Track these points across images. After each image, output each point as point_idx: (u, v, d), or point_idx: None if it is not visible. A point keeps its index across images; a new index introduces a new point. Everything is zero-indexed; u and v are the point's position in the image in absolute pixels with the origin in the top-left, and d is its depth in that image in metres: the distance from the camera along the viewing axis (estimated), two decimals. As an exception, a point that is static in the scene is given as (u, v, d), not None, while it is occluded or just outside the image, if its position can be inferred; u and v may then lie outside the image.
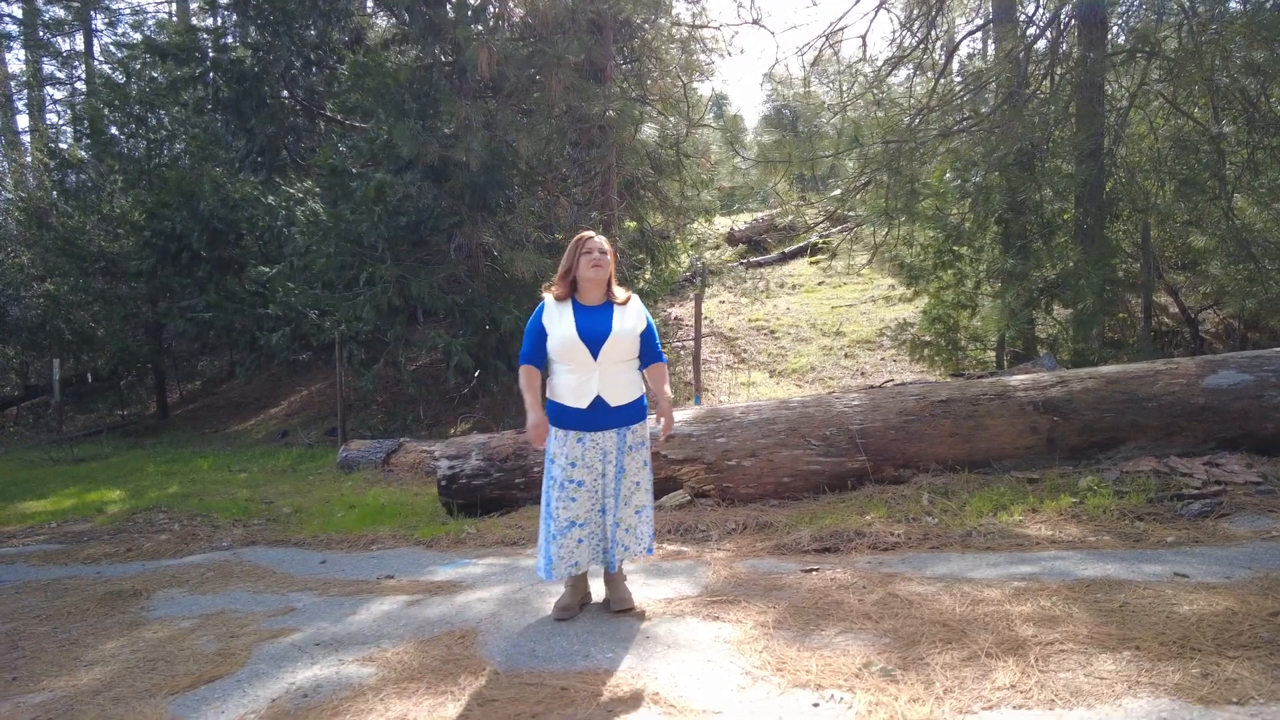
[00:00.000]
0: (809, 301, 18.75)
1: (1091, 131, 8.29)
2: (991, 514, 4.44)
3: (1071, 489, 4.62)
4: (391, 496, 7.23)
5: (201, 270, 11.89)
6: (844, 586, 3.54)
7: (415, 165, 9.28)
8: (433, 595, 3.92)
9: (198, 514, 6.80)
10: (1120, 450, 4.91)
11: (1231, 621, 2.69)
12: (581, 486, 3.29)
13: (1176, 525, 4.03)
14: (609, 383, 3.28)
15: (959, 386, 5.31)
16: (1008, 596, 3.18)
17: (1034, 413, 5.00)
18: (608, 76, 10.35)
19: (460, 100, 8.96)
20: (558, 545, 3.31)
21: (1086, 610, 2.95)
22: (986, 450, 5.01)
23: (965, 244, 10.03)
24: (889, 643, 2.82)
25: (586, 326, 3.26)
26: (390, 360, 10.77)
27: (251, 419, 15.84)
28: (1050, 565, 3.60)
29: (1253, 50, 6.62)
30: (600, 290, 3.35)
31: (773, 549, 4.30)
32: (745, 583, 3.73)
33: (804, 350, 15.73)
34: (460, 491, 6.08)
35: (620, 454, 3.34)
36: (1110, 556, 3.65)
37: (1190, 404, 4.86)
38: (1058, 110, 8.60)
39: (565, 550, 3.30)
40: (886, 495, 4.91)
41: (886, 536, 4.25)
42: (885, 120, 9.97)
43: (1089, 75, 8.42)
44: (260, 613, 3.87)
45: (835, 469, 5.11)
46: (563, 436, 3.32)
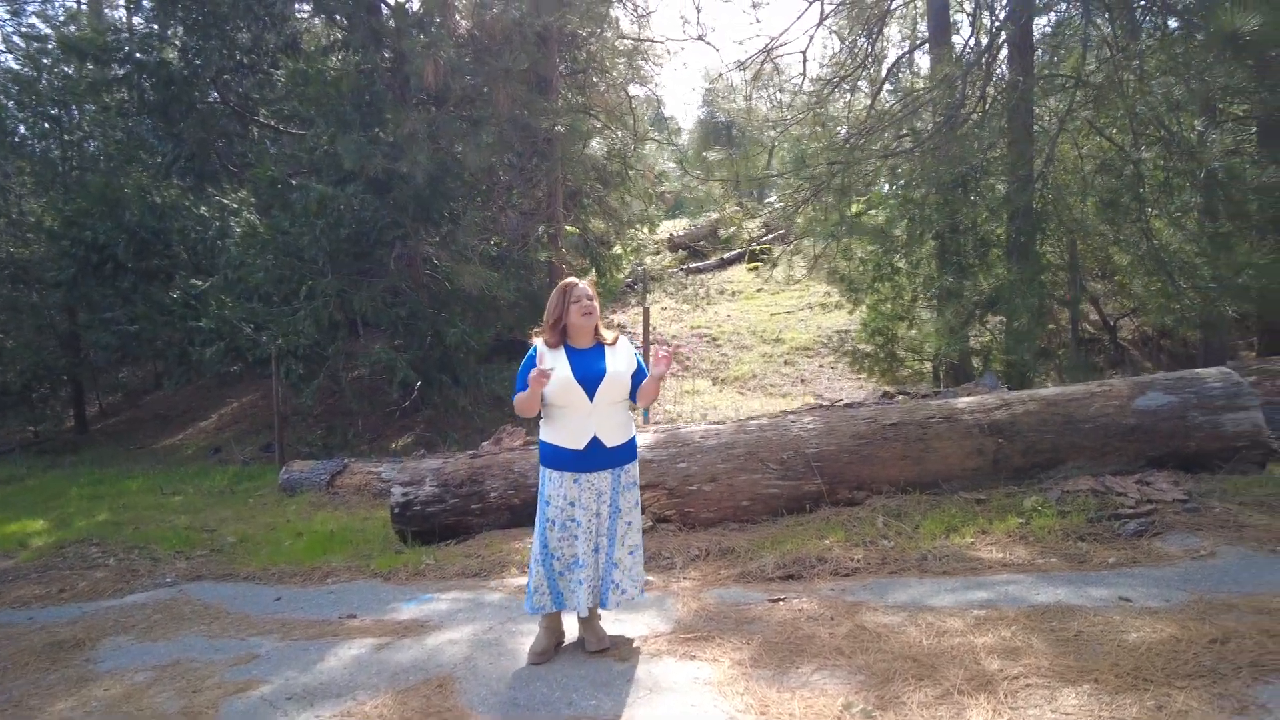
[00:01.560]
0: (749, 308, 19.06)
1: (1023, 154, 8.68)
2: (944, 536, 4.62)
3: (1017, 509, 4.85)
4: (340, 522, 7.07)
5: (126, 281, 11.35)
6: (813, 618, 3.64)
7: (358, 177, 9.07)
8: (401, 637, 3.87)
9: (134, 546, 6.51)
10: (1060, 469, 5.17)
11: (1176, 650, 2.88)
12: (579, 526, 3.31)
13: (1115, 545, 4.27)
14: (604, 423, 3.32)
15: (908, 409, 5.50)
16: (970, 627, 3.33)
17: (980, 435, 5.23)
18: (554, 89, 10.32)
19: (405, 111, 8.80)
20: (565, 581, 3.35)
21: (1045, 641, 3.11)
22: (936, 471, 5.21)
23: (903, 258, 10.39)
24: (864, 680, 2.92)
25: (581, 369, 3.31)
26: (330, 375, 10.50)
27: (180, 433, 15.20)
28: (1004, 590, 3.77)
29: (1170, 83, 7.04)
30: (589, 334, 3.39)
31: (738, 577, 4.39)
32: (715, 616, 3.79)
33: (745, 358, 15.98)
34: (415, 519, 5.99)
35: (615, 494, 3.38)
36: (1059, 580, 3.85)
37: (1122, 425, 5.15)
38: (991, 133, 8.97)
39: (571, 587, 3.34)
40: (843, 517, 5.05)
41: (846, 562, 4.38)
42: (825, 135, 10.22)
43: (1020, 100, 8.82)
44: (221, 661, 3.75)
45: (793, 492, 5.23)
46: (558, 478, 3.34)
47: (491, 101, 9.07)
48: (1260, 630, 2.98)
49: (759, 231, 23.63)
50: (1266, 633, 2.95)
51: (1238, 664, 2.73)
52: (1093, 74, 7.76)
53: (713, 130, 16.99)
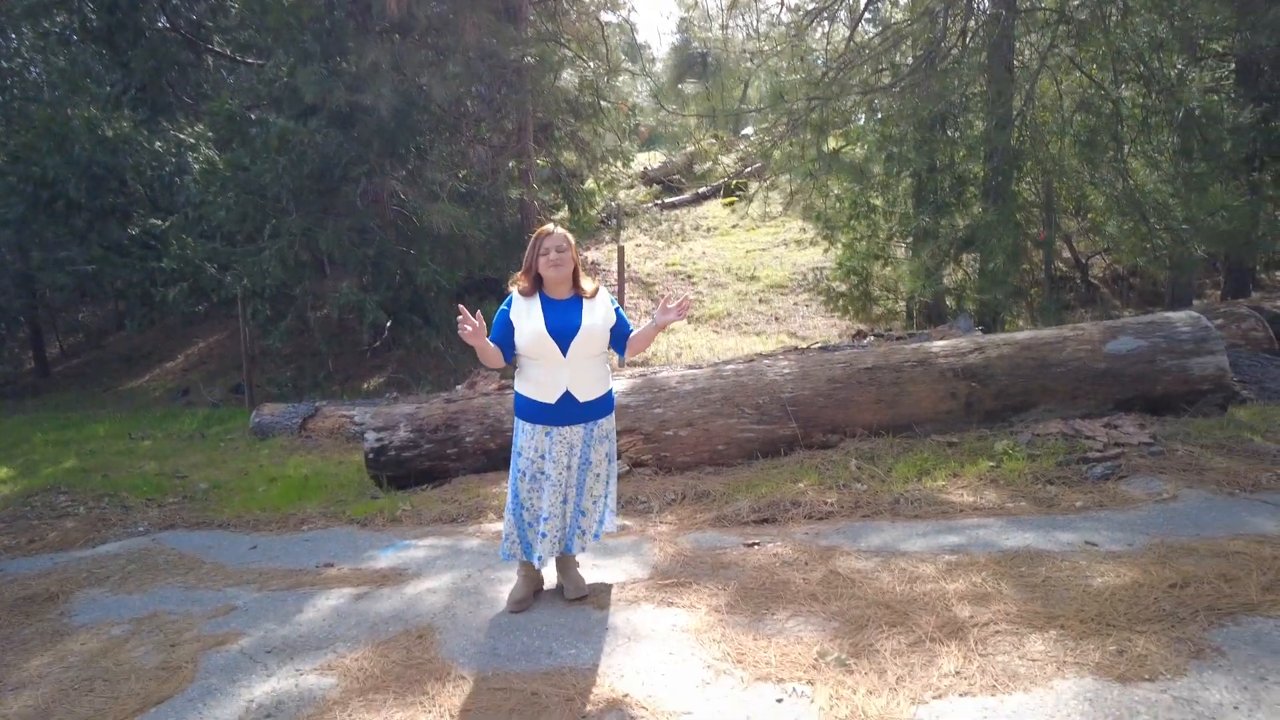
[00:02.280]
0: (723, 245, 18.91)
1: (1003, 92, 8.56)
2: (917, 479, 4.70)
3: (988, 453, 4.93)
4: (314, 466, 7.03)
5: (80, 220, 10.92)
6: (787, 563, 3.70)
7: (320, 110, 8.72)
8: (380, 586, 3.88)
9: (104, 493, 6.44)
10: (1031, 413, 5.26)
11: (1138, 595, 2.98)
12: (548, 479, 3.30)
13: (1083, 489, 4.37)
14: (578, 378, 3.28)
15: (883, 354, 5.52)
16: (941, 573, 3.40)
17: (954, 379, 5.27)
18: (523, 17, 9.91)
19: (367, 41, 8.41)
20: (521, 536, 3.36)
21: (1014, 587, 3.19)
22: (909, 415, 5.27)
23: (880, 196, 10.31)
24: (838, 627, 2.99)
25: (555, 322, 3.23)
26: (298, 316, 10.30)
27: (146, 375, 14.93)
28: (975, 535, 3.86)
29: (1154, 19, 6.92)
30: (565, 285, 3.31)
31: (713, 521, 4.44)
32: (692, 561, 3.85)
33: (720, 296, 15.94)
34: (389, 464, 5.97)
35: (586, 447, 3.36)
36: (1028, 524, 3.94)
37: (1093, 369, 5.22)
38: (971, 69, 8.81)
39: (527, 541, 3.35)
40: (816, 461, 5.11)
41: (820, 505, 4.45)
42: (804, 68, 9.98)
43: (1002, 35, 8.64)
44: (198, 614, 3.74)
45: (768, 436, 5.27)
46: (530, 430, 3.32)
47: (458, 30, 8.68)
48: (1217, 574, 3.08)
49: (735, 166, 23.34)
50: (1223, 576, 3.05)
51: (1195, 608, 2.83)
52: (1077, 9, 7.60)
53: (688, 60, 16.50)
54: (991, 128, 8.79)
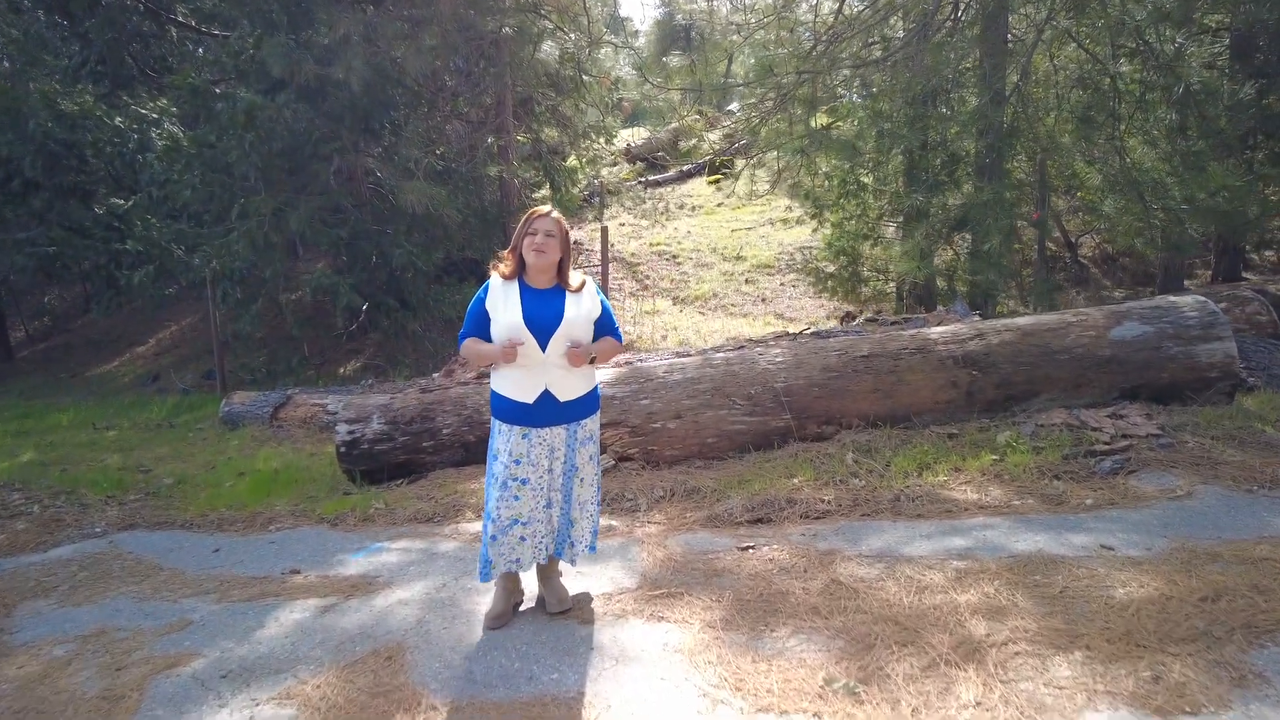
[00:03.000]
0: (709, 224, 18.58)
1: (997, 66, 8.28)
2: (917, 474, 4.48)
3: (990, 445, 4.72)
4: (285, 459, 6.72)
5: (39, 200, 10.42)
6: (785, 570, 3.47)
7: (288, 84, 8.29)
8: (348, 597, 3.61)
9: (61, 490, 6.10)
10: (1034, 402, 5.04)
11: (1167, 610, 2.76)
12: (526, 485, 3.02)
13: (1092, 484, 4.17)
14: (558, 376, 2.99)
15: (879, 341, 5.28)
16: (951, 581, 3.18)
17: (954, 367, 5.04)
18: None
19: (338, 10, 7.98)
20: (497, 546, 3.06)
21: (1030, 598, 2.97)
22: (908, 405, 5.04)
23: (870, 174, 10.03)
24: (844, 647, 2.76)
25: (534, 313, 2.95)
26: (270, 299, 9.92)
27: (115, 360, 14.46)
28: (982, 537, 3.64)
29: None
30: (549, 274, 3.02)
31: (705, 520, 4.20)
32: (683, 567, 3.60)
33: (706, 276, 15.65)
34: (362, 458, 5.68)
35: (571, 450, 3.09)
36: (1037, 524, 3.73)
37: (1098, 356, 5.01)
38: (965, 43, 8.52)
39: (505, 548, 3.06)
40: (811, 454, 4.88)
41: (817, 503, 4.22)
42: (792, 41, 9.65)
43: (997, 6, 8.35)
44: (150, 629, 3.45)
45: (760, 428, 5.02)
46: (507, 431, 3.04)
47: (433, 0, 8.27)
48: (1250, 585, 2.88)
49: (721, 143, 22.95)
50: (1256, 588, 2.85)
51: (1231, 625, 2.62)
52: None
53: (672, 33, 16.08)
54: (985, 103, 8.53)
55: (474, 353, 3.05)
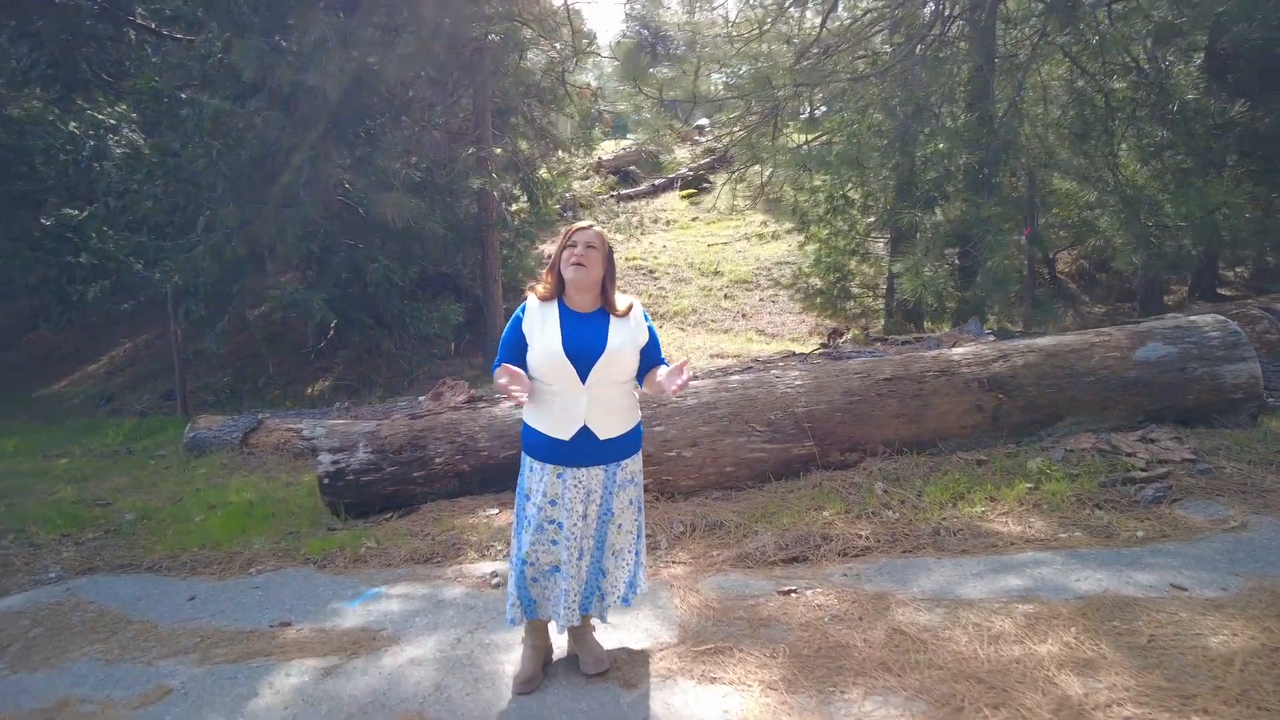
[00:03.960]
0: (684, 239, 18.40)
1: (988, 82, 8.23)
2: (952, 504, 4.25)
3: (1022, 472, 4.51)
4: (259, 490, 6.26)
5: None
6: (838, 618, 3.19)
7: (260, 90, 7.86)
8: (350, 656, 3.23)
9: (6, 528, 5.57)
10: (1060, 425, 4.86)
11: (1278, 664, 2.54)
12: (561, 529, 2.70)
13: (1135, 514, 3.97)
14: (598, 410, 2.68)
15: (902, 363, 5.06)
16: (1023, 630, 2.93)
17: (979, 390, 4.84)
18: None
19: (313, 13, 7.59)
20: (538, 588, 2.75)
21: (1117, 649, 2.73)
22: (934, 430, 4.82)
23: (858, 189, 9.93)
24: (929, 711, 2.48)
25: (575, 340, 2.64)
26: (236, 315, 9.40)
27: (64, 379, 13.67)
28: (1038, 575, 3.41)
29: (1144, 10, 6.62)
30: (591, 295, 2.72)
31: (735, 560, 3.90)
32: (724, 616, 3.30)
33: (684, 291, 15.44)
34: (348, 489, 5.28)
35: (608, 494, 2.77)
36: (1091, 560, 3.52)
37: (1124, 378, 4.85)
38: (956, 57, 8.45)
39: (547, 591, 2.76)
40: (836, 484, 4.62)
41: (854, 539, 3.95)
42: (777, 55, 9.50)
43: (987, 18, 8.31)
44: (122, 700, 3.03)
45: (781, 455, 4.76)
46: (539, 470, 2.72)
47: (413, 5, 7.92)
48: (1351, 631, 2.68)
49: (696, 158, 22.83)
50: (1361, 635, 2.65)
51: (1353, 681, 2.40)
52: None
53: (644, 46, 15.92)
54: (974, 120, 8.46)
55: (499, 383, 2.72)
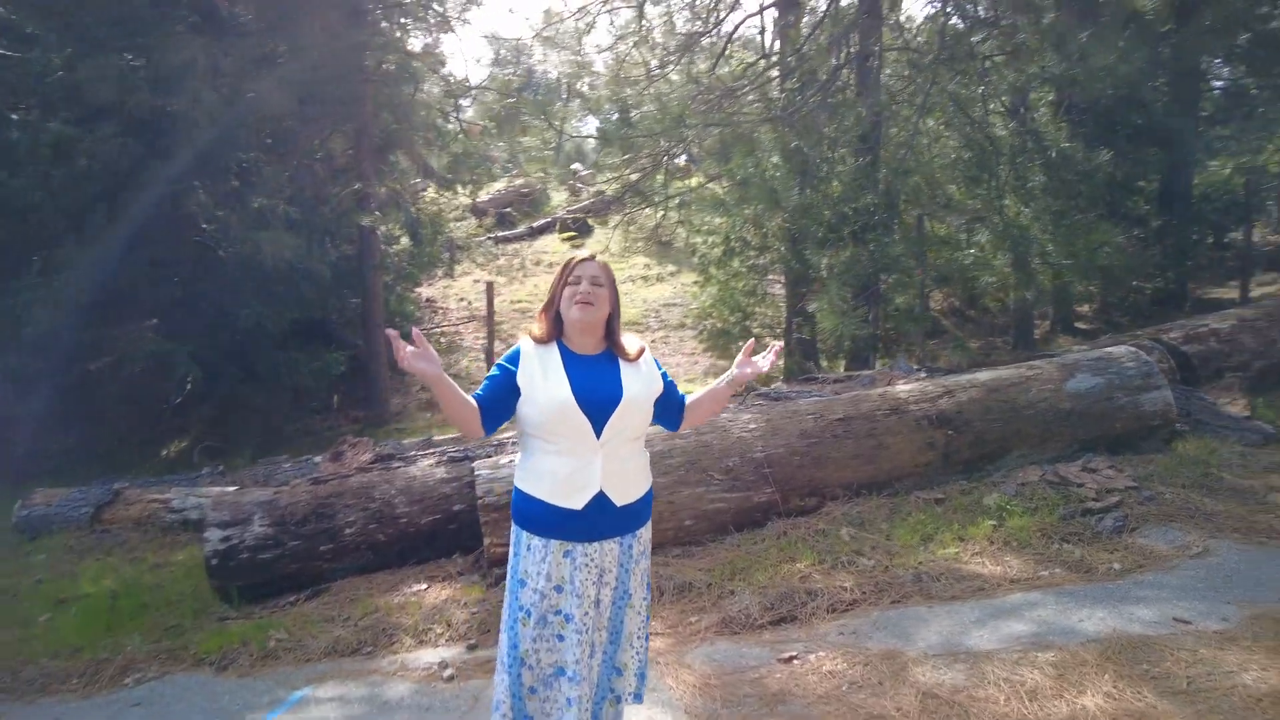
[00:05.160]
0: (569, 281, 18.13)
1: (879, 125, 8.55)
2: (923, 547, 4.11)
3: (980, 508, 4.46)
4: (122, 576, 5.27)
5: None
6: (856, 685, 2.90)
7: (113, 114, 6.91)
8: (289, 788, 2.60)
9: None
10: (1006, 459, 4.88)
11: (1322, 699, 2.49)
12: (570, 622, 2.23)
13: (1102, 545, 3.98)
14: (615, 472, 2.25)
15: (851, 401, 4.95)
16: (1056, 681, 2.76)
17: (929, 427, 4.79)
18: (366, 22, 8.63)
19: (177, 34, 6.79)
20: (538, 701, 2.25)
21: (1159, 695, 2.61)
22: (889, 470, 4.71)
23: (754, 231, 10.04)
24: (1006, 792, 2.22)
25: (586, 387, 2.22)
26: (77, 370, 8.17)
27: None
28: (1038, 617, 3.30)
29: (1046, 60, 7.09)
30: (596, 336, 2.31)
31: (718, 626, 3.55)
32: (730, 695, 2.94)
33: (574, 334, 15.13)
34: (242, 570, 4.53)
35: (624, 571, 2.34)
36: (1084, 598, 3.45)
37: (1060, 409, 4.96)
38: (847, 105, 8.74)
39: (550, 704, 2.25)
40: (802, 531, 4.38)
41: (839, 592, 3.71)
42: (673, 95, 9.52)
43: (875, 70, 8.66)
44: None
45: (742, 504, 4.48)
46: (541, 549, 2.23)
47: (297, 30, 7.29)
48: (1371, 657, 2.68)
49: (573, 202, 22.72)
50: (1383, 661, 2.65)
51: (1404, 713, 2.36)
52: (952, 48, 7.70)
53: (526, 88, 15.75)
54: (867, 164, 8.77)
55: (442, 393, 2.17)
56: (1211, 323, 6.83)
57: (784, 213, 9.34)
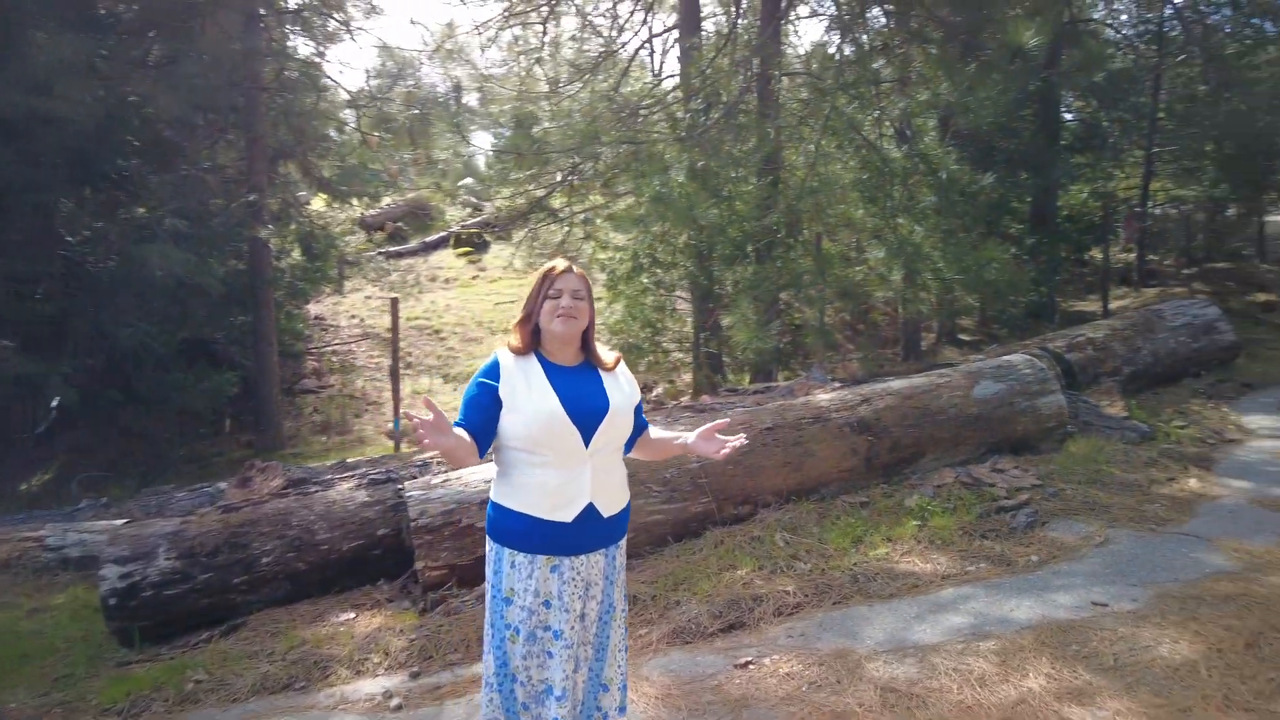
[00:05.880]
0: (468, 297, 17.78)
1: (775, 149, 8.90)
2: (855, 549, 4.26)
3: (903, 510, 4.67)
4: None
5: None
6: (816, 685, 2.98)
7: (-28, 115, 6.27)
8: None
9: None
10: (922, 462, 5.14)
11: (1232, 664, 2.76)
12: (559, 639, 2.18)
13: (1019, 540, 4.25)
14: (602, 482, 2.23)
15: (778, 411, 5.08)
16: (1002, 668, 2.92)
17: (851, 434, 4.99)
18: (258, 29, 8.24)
19: (56, 30, 6.25)
20: (531, 718, 2.20)
21: (1094, 672, 2.81)
22: (816, 477, 4.86)
23: (662, 247, 10.20)
24: (975, 776, 2.33)
25: (573, 398, 2.19)
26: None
27: None
28: (974, 609, 3.49)
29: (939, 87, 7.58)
30: (573, 348, 2.29)
31: (670, 637, 3.56)
32: (695, 704, 2.95)
33: (476, 351, 14.82)
34: (143, 610, 4.18)
35: (609, 583, 2.32)
36: (1008, 589, 3.67)
37: (968, 414, 5.27)
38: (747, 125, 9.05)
39: None
40: (738, 539, 4.45)
41: (783, 597, 3.79)
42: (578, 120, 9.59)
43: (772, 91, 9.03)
44: None
45: (679, 515, 4.52)
46: (527, 565, 2.18)
47: (189, 33, 6.85)
48: (1263, 624, 2.98)
49: (465, 217, 22.37)
50: (1276, 629, 2.95)
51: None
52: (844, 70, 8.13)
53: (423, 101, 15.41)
54: (768, 183, 9.11)
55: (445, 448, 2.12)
56: (1087, 332, 7.45)
57: (692, 230, 9.54)
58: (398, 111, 11.15)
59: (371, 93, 10.75)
